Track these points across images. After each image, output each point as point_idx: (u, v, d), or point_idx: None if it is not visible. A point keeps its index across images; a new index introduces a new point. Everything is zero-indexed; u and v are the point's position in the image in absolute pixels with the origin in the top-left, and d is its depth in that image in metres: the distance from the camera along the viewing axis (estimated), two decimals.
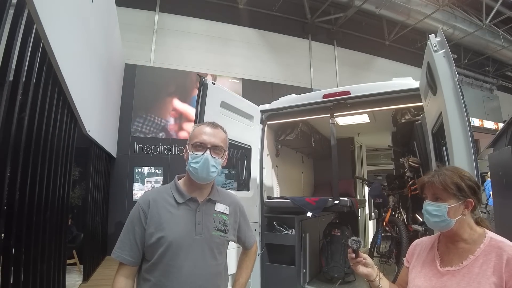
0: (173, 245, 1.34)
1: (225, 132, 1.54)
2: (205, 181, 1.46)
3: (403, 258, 3.36)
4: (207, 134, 1.46)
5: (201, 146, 1.44)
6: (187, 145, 1.49)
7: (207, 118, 2.78)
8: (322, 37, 11.36)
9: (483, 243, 1.21)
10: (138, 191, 7.66)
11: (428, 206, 1.27)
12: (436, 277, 1.26)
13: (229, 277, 1.64)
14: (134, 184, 7.72)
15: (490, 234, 1.23)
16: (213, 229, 1.45)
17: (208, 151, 1.43)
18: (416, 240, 1.49)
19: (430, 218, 1.26)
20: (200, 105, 2.85)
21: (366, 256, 1.38)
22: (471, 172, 1.94)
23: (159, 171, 7.91)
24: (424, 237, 1.47)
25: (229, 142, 1.59)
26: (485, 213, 6.21)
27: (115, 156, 7.46)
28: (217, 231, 1.46)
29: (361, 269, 1.37)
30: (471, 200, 1.23)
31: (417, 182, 1.36)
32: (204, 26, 9.58)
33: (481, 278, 1.14)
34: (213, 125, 1.51)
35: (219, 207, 1.52)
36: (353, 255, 1.36)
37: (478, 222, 1.28)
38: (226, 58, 9.66)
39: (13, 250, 2.43)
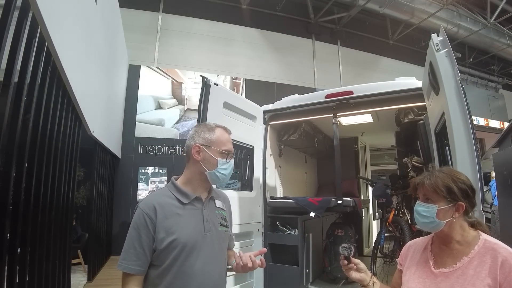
0: (187, 246, 1.35)
1: None
2: (223, 184, 1.54)
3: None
4: (230, 142, 1.54)
5: (229, 154, 1.51)
6: (205, 147, 1.47)
7: (209, 118, 2.79)
8: (325, 37, 11.35)
9: (477, 245, 1.20)
10: (143, 191, 7.71)
11: (418, 206, 1.28)
12: (429, 279, 1.26)
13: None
14: (139, 184, 7.77)
15: (484, 236, 1.23)
16: (218, 225, 1.50)
17: (232, 159, 1.53)
18: (409, 242, 1.48)
19: (420, 218, 1.27)
20: (202, 106, 2.86)
21: (358, 261, 1.40)
22: (473, 171, 1.94)
23: (163, 171, 7.96)
24: (417, 238, 1.46)
25: (232, 143, 1.63)
26: (489, 212, 6.16)
27: (120, 157, 7.51)
28: (222, 227, 1.51)
29: (354, 274, 1.39)
30: (462, 203, 1.22)
31: (410, 183, 1.37)
32: (207, 27, 9.61)
33: (475, 280, 1.14)
34: (229, 131, 1.58)
35: (218, 203, 1.58)
36: (345, 262, 1.39)
37: (474, 225, 1.27)
38: (229, 58, 9.69)
39: (19, 250, 2.46)
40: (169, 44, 9.10)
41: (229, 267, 1.53)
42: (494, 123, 12.14)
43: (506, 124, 9.74)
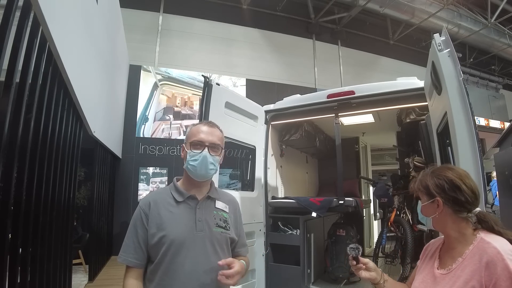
0: (174, 243, 1.36)
1: (221, 131, 1.58)
2: (203, 178, 1.50)
3: (408, 258, 3.37)
4: (204, 132, 1.50)
5: (199, 144, 1.48)
6: (184, 144, 1.53)
7: (211, 118, 2.78)
8: (326, 37, 11.36)
9: (472, 244, 1.17)
10: (143, 191, 7.70)
11: (418, 204, 1.38)
12: (431, 280, 1.26)
13: None
14: (139, 184, 7.76)
15: (482, 234, 1.18)
16: (214, 226, 1.47)
17: (206, 149, 1.47)
18: (430, 241, 1.48)
19: (419, 215, 1.38)
20: (204, 105, 2.85)
21: (367, 260, 1.41)
22: (476, 171, 1.93)
23: (164, 171, 7.95)
24: (437, 237, 1.45)
25: (233, 143, 1.62)
26: (490, 213, 6.15)
27: (120, 157, 7.51)
28: (218, 228, 1.48)
29: (364, 273, 1.40)
30: (438, 198, 1.22)
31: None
32: (208, 27, 9.62)
33: (461, 282, 1.12)
34: (210, 124, 1.56)
35: (219, 204, 1.55)
36: (354, 262, 1.40)
37: (479, 223, 1.22)
38: (230, 58, 9.69)
39: (20, 250, 2.45)
40: (169, 44, 9.10)
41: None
42: (495, 123, 12.10)
43: (507, 124, 9.72)
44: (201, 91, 2.90)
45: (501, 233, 1.18)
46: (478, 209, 1.23)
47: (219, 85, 3.00)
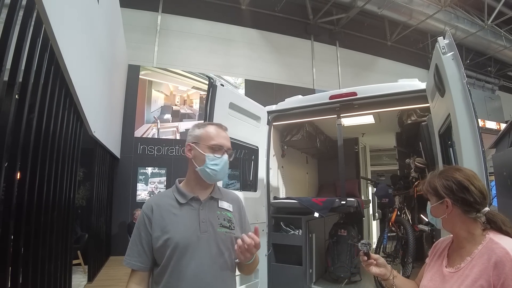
0: (179, 245, 1.35)
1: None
2: (216, 181, 1.51)
3: (409, 258, 3.39)
4: (223, 137, 1.50)
5: (220, 149, 1.47)
6: (195, 145, 1.48)
7: (216, 119, 2.79)
8: (324, 38, 11.40)
9: (481, 244, 1.18)
10: (142, 191, 7.68)
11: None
12: (439, 278, 1.27)
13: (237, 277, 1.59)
14: (138, 184, 7.75)
15: (491, 235, 1.19)
16: (218, 226, 1.45)
17: (226, 154, 1.48)
18: (440, 239, 1.49)
19: (428, 216, 1.39)
20: (209, 106, 2.85)
21: (377, 256, 1.43)
22: (480, 172, 1.93)
23: (163, 171, 7.94)
24: (447, 236, 1.45)
25: (237, 143, 1.61)
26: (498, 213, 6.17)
27: (119, 157, 7.48)
28: (222, 228, 1.46)
29: (374, 269, 1.42)
30: (447, 199, 1.23)
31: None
32: (207, 27, 9.62)
33: (470, 280, 1.13)
34: (224, 127, 1.55)
35: (222, 204, 1.53)
36: (365, 258, 1.42)
37: (489, 223, 1.22)
38: (228, 58, 9.69)
39: (22, 251, 2.44)
40: (168, 44, 9.09)
41: (237, 260, 1.48)
42: (491, 124, 12.15)
43: (503, 125, 9.79)
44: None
45: (509, 234, 1.19)
46: (487, 208, 1.23)
47: (223, 86, 3.01)
